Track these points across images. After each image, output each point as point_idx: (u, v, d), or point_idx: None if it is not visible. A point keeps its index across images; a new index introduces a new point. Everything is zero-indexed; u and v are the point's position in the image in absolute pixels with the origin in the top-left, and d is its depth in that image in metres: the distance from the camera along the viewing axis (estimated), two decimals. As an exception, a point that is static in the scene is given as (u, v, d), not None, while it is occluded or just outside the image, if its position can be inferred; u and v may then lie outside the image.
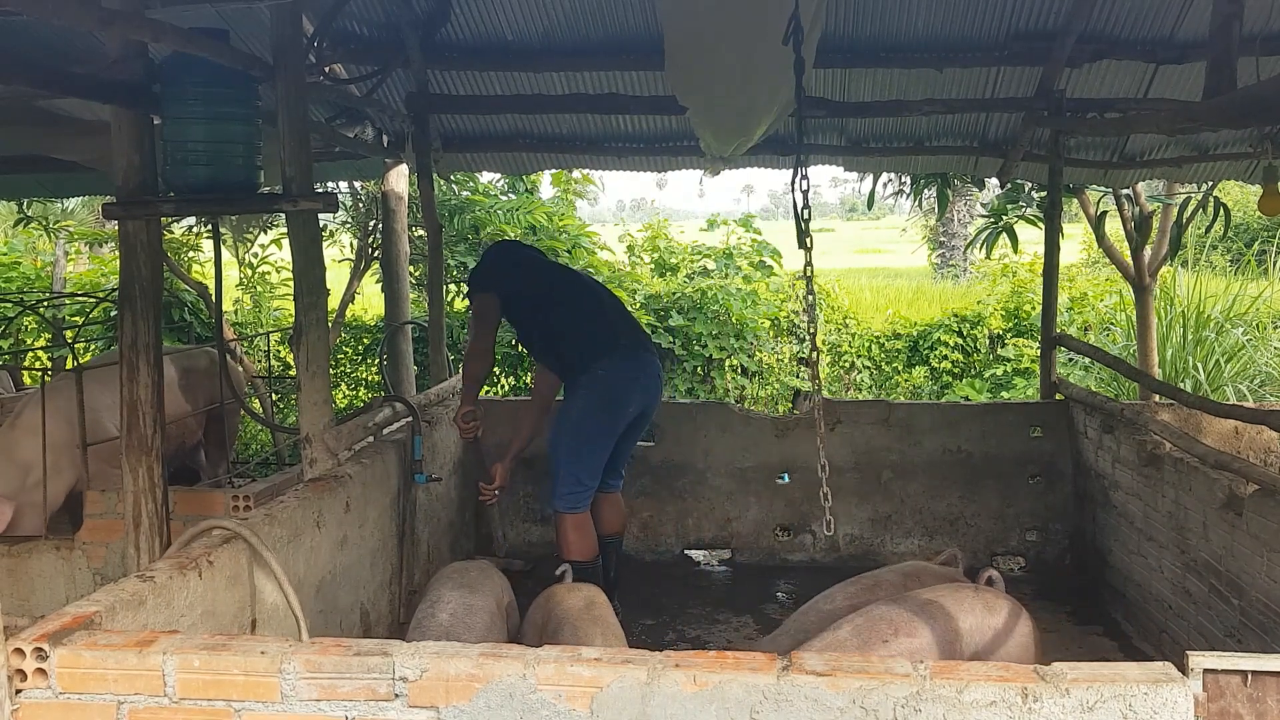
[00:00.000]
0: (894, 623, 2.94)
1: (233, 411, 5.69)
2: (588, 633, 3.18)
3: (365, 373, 9.80)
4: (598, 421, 4.36)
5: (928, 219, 26.64)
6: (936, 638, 2.89)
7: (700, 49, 3.70)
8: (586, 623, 3.25)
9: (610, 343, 4.41)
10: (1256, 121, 4.44)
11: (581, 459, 4.35)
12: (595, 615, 3.30)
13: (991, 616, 3.05)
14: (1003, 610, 3.10)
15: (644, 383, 4.42)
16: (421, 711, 1.95)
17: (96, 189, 7.17)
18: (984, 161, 6.04)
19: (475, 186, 9.47)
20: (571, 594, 3.49)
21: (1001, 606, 3.11)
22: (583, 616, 3.29)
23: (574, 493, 4.34)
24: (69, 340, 7.63)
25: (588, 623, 3.25)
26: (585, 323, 4.50)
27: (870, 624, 2.95)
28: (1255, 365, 8.83)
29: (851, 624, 2.98)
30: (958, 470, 5.30)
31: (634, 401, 4.40)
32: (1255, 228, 18.23)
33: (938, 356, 10.19)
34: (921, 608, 3.01)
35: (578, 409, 4.39)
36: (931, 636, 2.89)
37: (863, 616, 3.01)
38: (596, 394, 4.35)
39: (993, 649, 3.01)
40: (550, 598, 3.53)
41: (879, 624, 2.94)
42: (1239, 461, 3.62)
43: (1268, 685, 1.87)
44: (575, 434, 4.37)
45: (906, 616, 2.96)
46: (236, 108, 3.38)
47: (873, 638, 2.87)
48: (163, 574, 2.47)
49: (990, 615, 3.05)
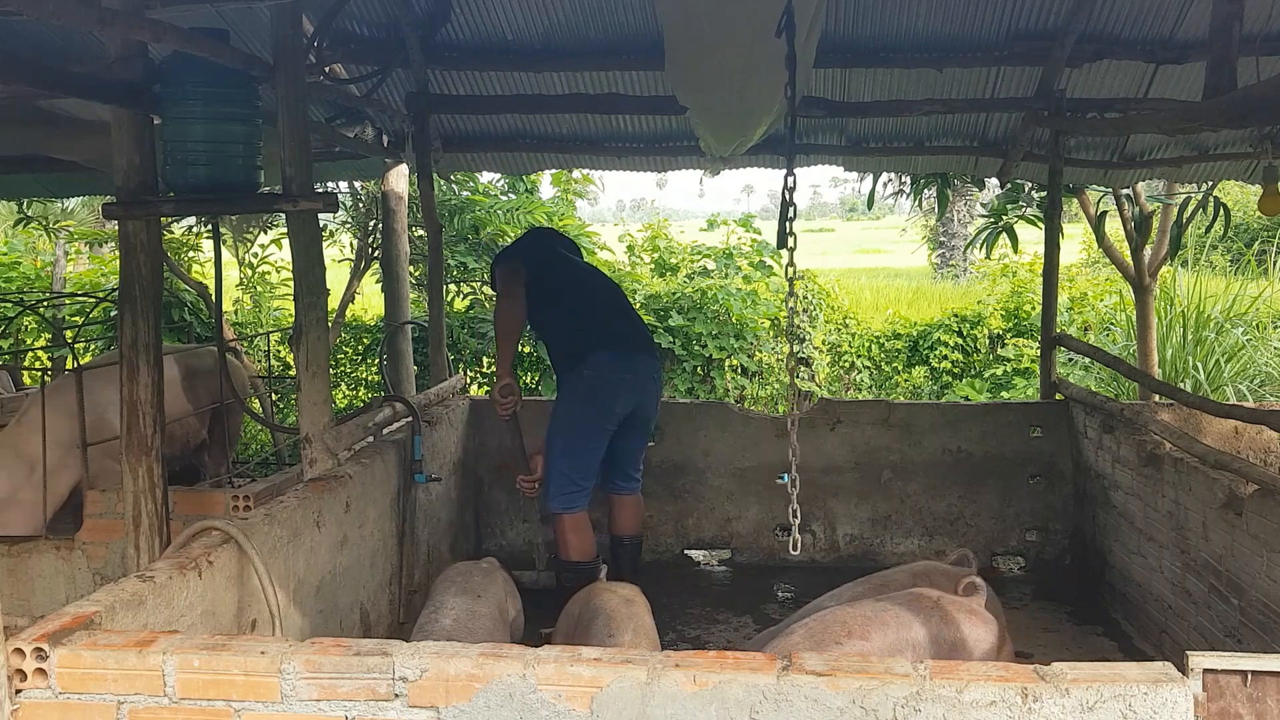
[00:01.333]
0: (848, 625, 2.92)
1: (235, 411, 5.69)
2: (621, 628, 3.18)
3: (365, 373, 9.80)
4: (585, 420, 4.38)
5: (928, 219, 26.67)
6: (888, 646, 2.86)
7: (700, 49, 3.69)
8: (622, 619, 3.24)
9: (597, 341, 4.41)
10: (1256, 121, 4.44)
11: (573, 458, 4.36)
12: (632, 613, 3.30)
13: (949, 628, 3.01)
14: (964, 622, 3.05)
15: (633, 382, 4.41)
16: (421, 711, 1.95)
17: (96, 189, 7.18)
18: (984, 161, 6.04)
19: (475, 186, 9.47)
20: (611, 591, 3.49)
21: (963, 617, 3.06)
22: (619, 612, 3.29)
23: (568, 493, 4.35)
24: (69, 340, 7.64)
25: (623, 619, 3.24)
26: (575, 320, 4.52)
27: (824, 627, 2.94)
28: (1255, 365, 8.83)
29: (805, 627, 2.97)
30: (958, 470, 5.30)
31: (621, 400, 4.40)
32: (1255, 228, 18.23)
33: (938, 356, 10.19)
34: (876, 615, 2.99)
35: (564, 408, 4.43)
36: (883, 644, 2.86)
37: (818, 619, 2.99)
38: (581, 392, 4.39)
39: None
40: (591, 592, 3.54)
41: (833, 627, 2.93)
42: (1239, 461, 3.62)
43: (1268, 685, 1.87)
44: (564, 432, 4.40)
45: (861, 621, 2.95)
46: (236, 108, 3.38)
47: (825, 640, 2.85)
48: (163, 574, 2.47)
49: (948, 627, 3.01)
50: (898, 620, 2.97)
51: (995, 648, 3.06)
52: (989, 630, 3.08)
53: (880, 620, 2.96)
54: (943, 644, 2.98)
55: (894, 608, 3.04)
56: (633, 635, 3.16)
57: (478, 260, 9.35)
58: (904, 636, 2.93)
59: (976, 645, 3.01)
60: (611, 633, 3.16)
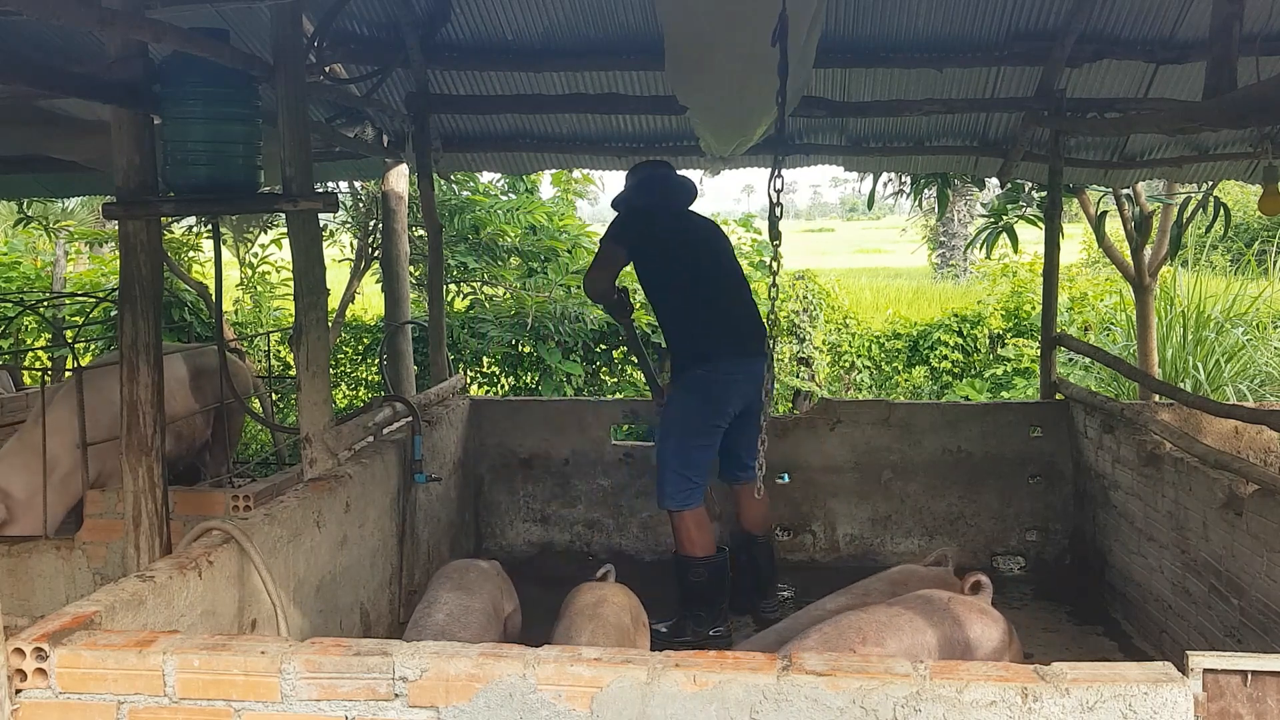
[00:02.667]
0: (863, 631, 2.95)
1: (237, 411, 5.68)
2: (579, 629, 3.21)
3: (365, 373, 9.80)
4: (700, 419, 4.42)
5: (928, 219, 26.69)
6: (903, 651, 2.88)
7: (700, 49, 3.70)
8: (583, 619, 3.26)
9: (723, 346, 4.43)
10: (1256, 121, 4.44)
11: (686, 456, 4.41)
12: (597, 613, 3.30)
13: (962, 629, 3.04)
14: (975, 622, 3.09)
15: (743, 385, 4.42)
16: (421, 711, 1.95)
17: (96, 189, 7.18)
18: (984, 161, 6.04)
19: (475, 186, 9.47)
20: (587, 591, 3.50)
21: (975, 618, 3.10)
22: (583, 613, 3.30)
23: (684, 490, 4.39)
24: (69, 340, 7.63)
25: (584, 619, 3.26)
26: (699, 319, 4.49)
27: (839, 633, 2.96)
28: (1255, 365, 8.84)
29: (820, 632, 2.99)
30: (958, 470, 5.30)
31: (735, 400, 4.44)
32: (1255, 228, 18.24)
33: (938, 356, 10.19)
34: (890, 620, 3.02)
35: (680, 409, 4.47)
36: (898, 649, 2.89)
37: (832, 625, 3.01)
38: (697, 395, 4.43)
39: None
40: (575, 591, 3.55)
41: (848, 633, 2.95)
42: (1239, 461, 3.62)
43: (1268, 685, 1.87)
44: (678, 432, 4.45)
45: (876, 626, 2.97)
46: (236, 108, 3.38)
47: (840, 646, 2.87)
48: (163, 574, 2.47)
49: (960, 628, 3.04)
50: (912, 625, 3.00)
51: (1005, 644, 3.09)
52: (999, 628, 3.12)
53: (894, 626, 2.98)
54: (955, 645, 3.01)
55: (907, 612, 3.06)
56: (590, 636, 3.17)
57: (478, 260, 9.35)
58: (918, 641, 2.95)
59: (987, 643, 3.05)
60: (571, 635, 3.19)
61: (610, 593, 3.48)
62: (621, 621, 3.33)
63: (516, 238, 9.40)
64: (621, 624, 3.31)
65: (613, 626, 3.27)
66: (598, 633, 3.19)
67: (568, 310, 8.86)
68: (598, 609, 3.33)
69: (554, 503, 5.55)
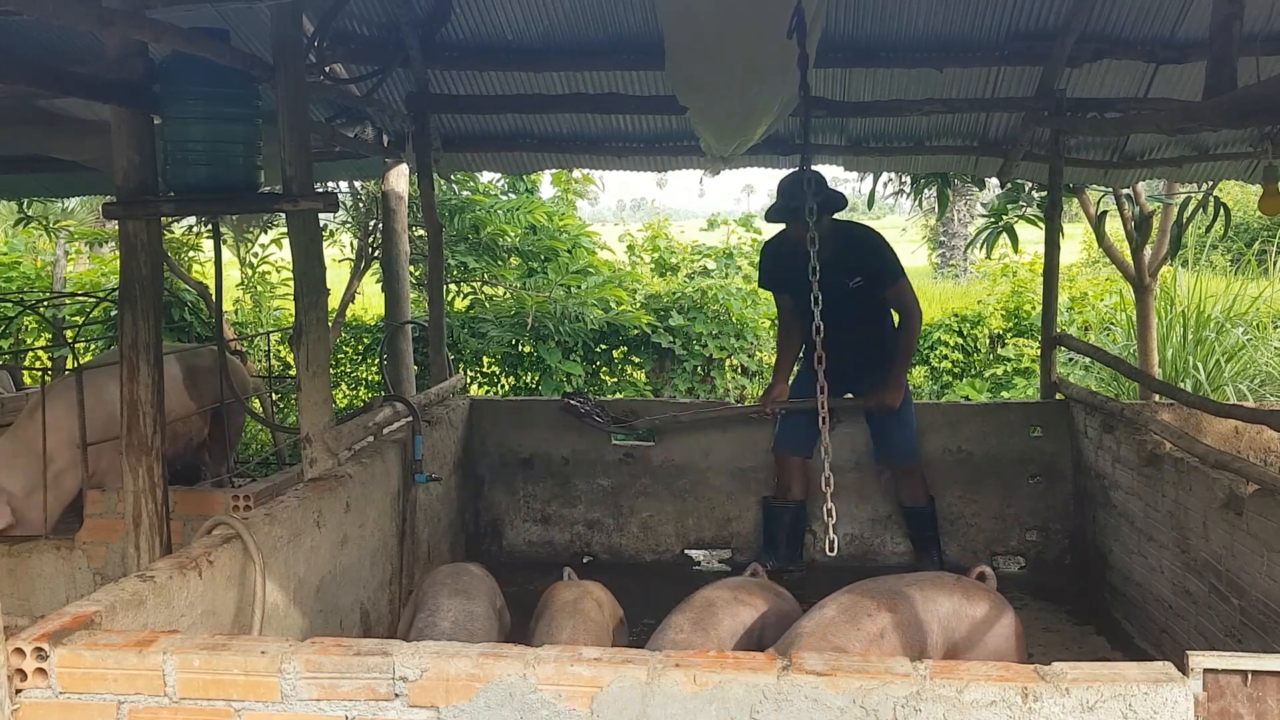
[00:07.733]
0: (876, 598, 3.03)
1: (236, 411, 5.68)
2: (560, 625, 3.26)
3: (365, 373, 9.79)
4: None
5: (928, 219, 26.69)
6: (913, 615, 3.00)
7: (700, 49, 3.70)
8: (564, 615, 3.31)
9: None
10: (1256, 121, 4.44)
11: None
12: (578, 609, 3.36)
13: (971, 605, 3.11)
14: (983, 601, 3.15)
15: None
16: (421, 711, 1.95)
17: (96, 189, 7.18)
18: (984, 161, 6.04)
19: (475, 186, 9.47)
20: (567, 589, 3.56)
21: (982, 597, 3.16)
22: (564, 610, 3.36)
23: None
24: (69, 340, 7.63)
25: (565, 615, 3.32)
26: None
27: (854, 601, 3.04)
28: (1255, 365, 8.83)
29: (836, 603, 3.05)
30: (958, 470, 5.30)
31: None
32: (1255, 228, 18.23)
33: (938, 356, 10.18)
34: (900, 590, 3.11)
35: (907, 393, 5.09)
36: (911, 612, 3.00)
37: (847, 594, 3.09)
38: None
39: (973, 638, 3.06)
40: (551, 589, 3.60)
41: (863, 601, 3.03)
42: (1239, 461, 3.61)
43: (1268, 685, 1.87)
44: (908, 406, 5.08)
45: (886, 595, 3.05)
46: (236, 108, 3.38)
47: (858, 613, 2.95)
48: (163, 574, 2.47)
49: (970, 604, 3.11)
50: (922, 594, 3.07)
51: (1013, 628, 3.13)
52: (1009, 614, 3.16)
53: (905, 595, 3.05)
54: (964, 618, 3.08)
55: (917, 583, 3.15)
56: (570, 632, 3.21)
57: (478, 260, 9.36)
58: (929, 609, 3.03)
59: (998, 623, 3.10)
60: (552, 631, 3.24)
61: (589, 589, 3.54)
62: (600, 617, 3.40)
63: (516, 238, 9.41)
64: (600, 619, 3.38)
65: (593, 622, 3.33)
66: (579, 628, 3.25)
67: (568, 310, 8.87)
68: (578, 605, 3.39)
69: (554, 503, 5.54)
